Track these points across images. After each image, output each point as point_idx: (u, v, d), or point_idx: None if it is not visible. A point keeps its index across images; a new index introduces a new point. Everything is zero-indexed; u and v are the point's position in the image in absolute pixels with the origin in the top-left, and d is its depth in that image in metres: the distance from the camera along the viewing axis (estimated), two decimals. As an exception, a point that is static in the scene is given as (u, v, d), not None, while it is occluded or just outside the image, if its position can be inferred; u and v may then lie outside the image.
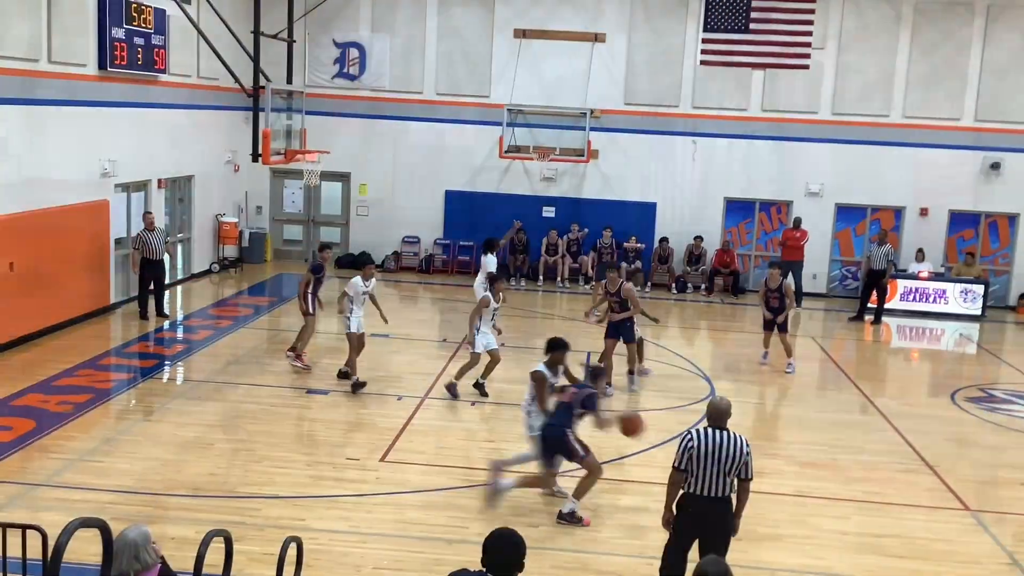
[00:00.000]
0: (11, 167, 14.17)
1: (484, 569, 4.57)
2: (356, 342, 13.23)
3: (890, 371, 17.54)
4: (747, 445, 7.06)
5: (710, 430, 7.07)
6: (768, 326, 15.25)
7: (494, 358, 13.10)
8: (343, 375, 13.36)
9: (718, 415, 7.19)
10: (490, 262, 16.20)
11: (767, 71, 22.08)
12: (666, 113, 22.42)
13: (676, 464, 7.08)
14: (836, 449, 11.89)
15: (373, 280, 13.48)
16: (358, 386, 12.94)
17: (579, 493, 9.19)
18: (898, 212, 22.45)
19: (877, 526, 9.60)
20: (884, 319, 20.04)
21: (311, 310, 13.85)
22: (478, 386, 13.07)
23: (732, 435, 7.06)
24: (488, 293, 13.14)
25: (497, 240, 17.28)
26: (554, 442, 9.15)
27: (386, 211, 23.24)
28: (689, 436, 7.08)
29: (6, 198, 13.98)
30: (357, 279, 13.31)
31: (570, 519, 9.11)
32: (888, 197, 22.32)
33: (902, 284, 21.00)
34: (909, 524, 9.66)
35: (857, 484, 10.77)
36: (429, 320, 18.51)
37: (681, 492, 7.14)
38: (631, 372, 13.90)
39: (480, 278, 15.91)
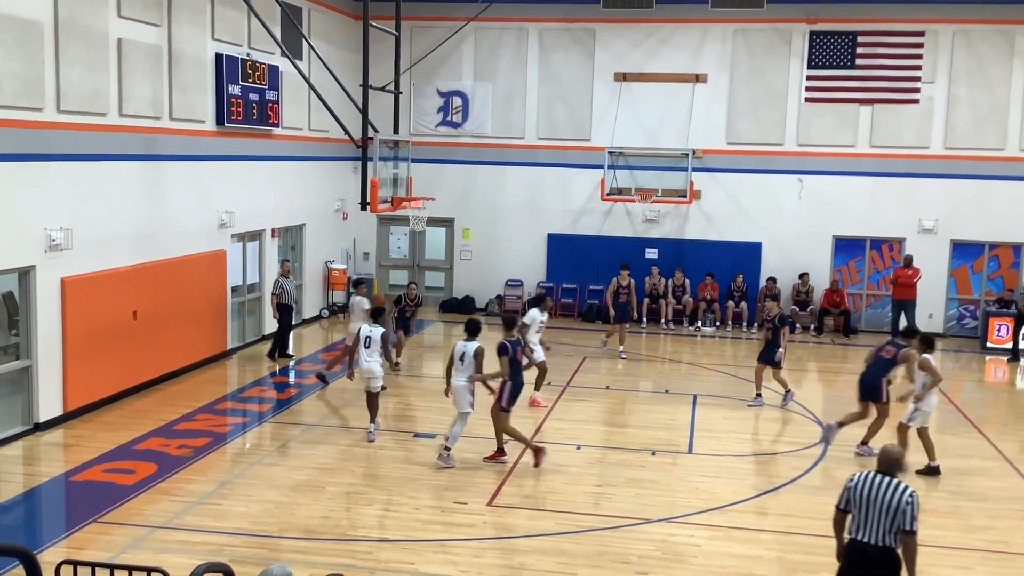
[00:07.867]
0: (134, 219, 14.87)
1: None
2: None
3: (1016, 413, 16.78)
4: (910, 495, 6.91)
5: (872, 473, 7.10)
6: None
7: None
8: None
9: (888, 462, 7.17)
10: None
11: (874, 106, 21.69)
12: (770, 152, 22.19)
13: (838, 504, 7.19)
14: (958, 496, 11.43)
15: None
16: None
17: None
18: (1017, 248, 21.63)
19: (1004, 578, 9.18)
20: None
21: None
22: None
23: (894, 482, 7.01)
24: None
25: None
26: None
27: (489, 255, 23.53)
28: (852, 477, 7.17)
29: (130, 249, 14.67)
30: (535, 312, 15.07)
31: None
32: (1007, 232, 21.55)
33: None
34: (1039, 576, 9.21)
35: (981, 532, 10.33)
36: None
37: (847, 537, 7.17)
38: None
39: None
